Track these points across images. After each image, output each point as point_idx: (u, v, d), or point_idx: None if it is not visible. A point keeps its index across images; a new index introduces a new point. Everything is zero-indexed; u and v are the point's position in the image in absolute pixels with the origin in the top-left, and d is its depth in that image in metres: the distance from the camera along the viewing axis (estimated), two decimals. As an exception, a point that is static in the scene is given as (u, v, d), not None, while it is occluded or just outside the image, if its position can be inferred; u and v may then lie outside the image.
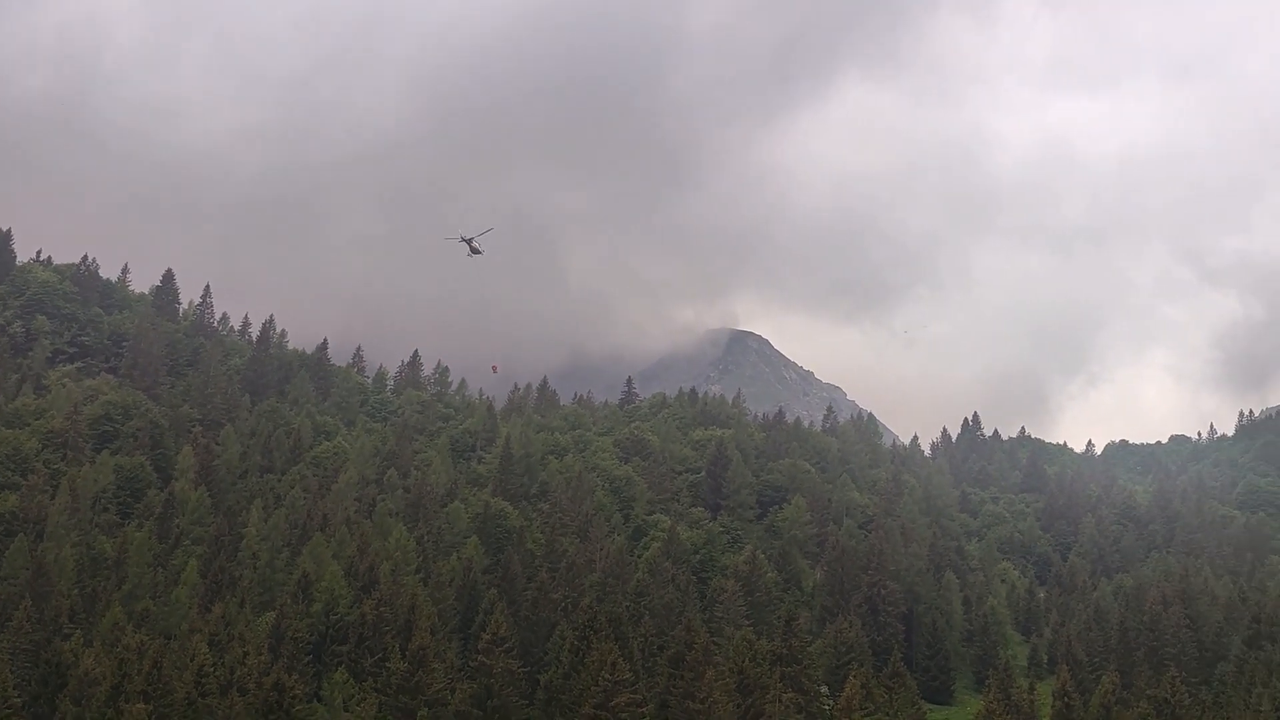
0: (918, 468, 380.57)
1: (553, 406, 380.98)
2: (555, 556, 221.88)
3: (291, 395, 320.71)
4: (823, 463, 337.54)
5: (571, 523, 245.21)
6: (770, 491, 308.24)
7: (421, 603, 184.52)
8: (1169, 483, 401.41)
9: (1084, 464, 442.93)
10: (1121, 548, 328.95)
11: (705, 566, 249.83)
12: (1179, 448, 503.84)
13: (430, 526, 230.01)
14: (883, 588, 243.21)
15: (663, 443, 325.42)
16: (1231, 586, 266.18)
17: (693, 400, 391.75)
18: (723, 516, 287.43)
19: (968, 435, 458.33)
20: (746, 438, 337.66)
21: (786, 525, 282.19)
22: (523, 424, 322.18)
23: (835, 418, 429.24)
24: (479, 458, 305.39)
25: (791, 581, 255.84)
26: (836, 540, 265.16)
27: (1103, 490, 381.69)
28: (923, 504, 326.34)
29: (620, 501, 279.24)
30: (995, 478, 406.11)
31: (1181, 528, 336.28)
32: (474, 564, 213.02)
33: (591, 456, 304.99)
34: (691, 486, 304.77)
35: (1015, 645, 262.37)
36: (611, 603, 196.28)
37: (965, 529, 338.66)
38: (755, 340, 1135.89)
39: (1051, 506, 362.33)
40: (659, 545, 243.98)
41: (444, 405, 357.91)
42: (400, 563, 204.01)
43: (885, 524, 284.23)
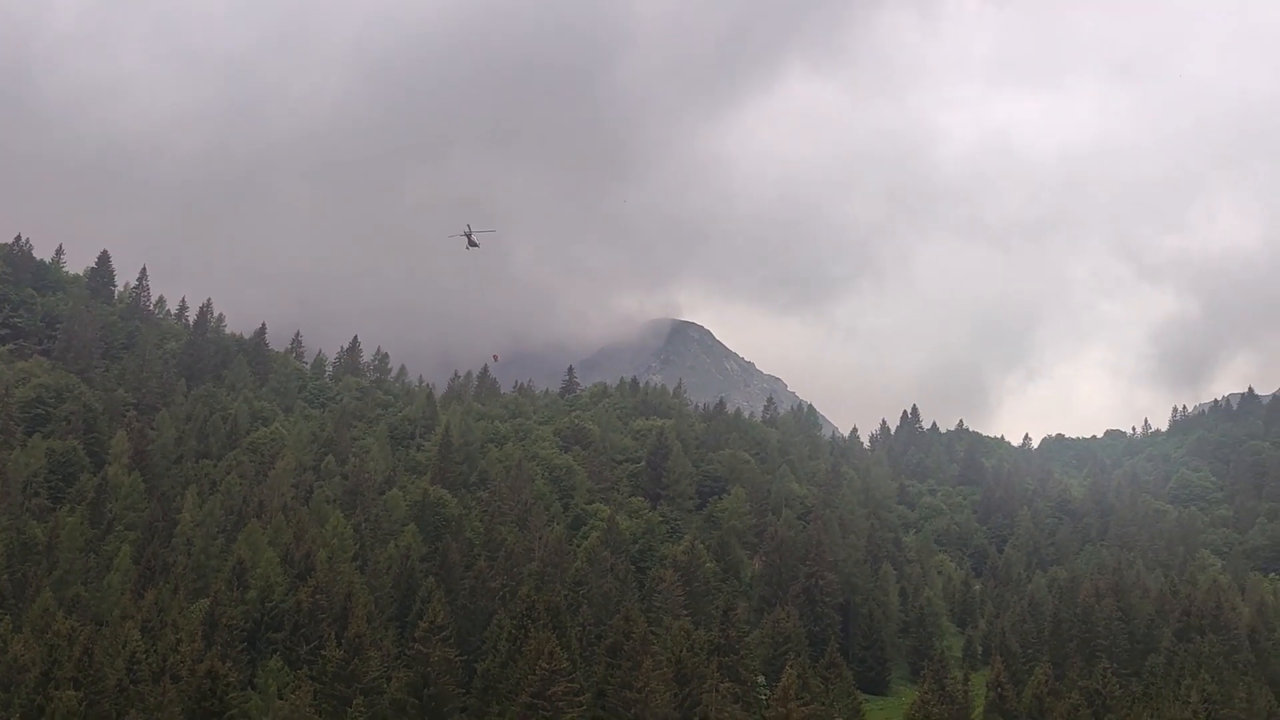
0: (857, 460, 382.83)
1: (493, 395, 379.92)
2: (494, 545, 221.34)
3: (228, 380, 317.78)
4: (762, 454, 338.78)
5: (510, 511, 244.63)
6: (710, 482, 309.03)
7: (358, 590, 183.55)
8: (1104, 477, 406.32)
9: (1021, 458, 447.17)
10: (1056, 541, 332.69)
11: (644, 556, 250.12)
12: (1114, 442, 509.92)
13: (368, 514, 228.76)
14: (820, 578, 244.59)
15: (603, 432, 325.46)
16: (1163, 580, 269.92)
17: (634, 390, 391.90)
18: (662, 506, 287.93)
19: (906, 428, 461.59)
20: (687, 428, 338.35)
21: (726, 516, 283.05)
22: (462, 412, 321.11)
23: (775, 409, 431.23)
24: (418, 445, 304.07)
25: (730, 572, 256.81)
26: (775, 531, 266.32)
27: (1039, 484, 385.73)
28: (861, 496, 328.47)
29: (560, 490, 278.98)
30: (933, 470, 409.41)
31: (1115, 521, 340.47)
32: (412, 552, 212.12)
33: (532, 445, 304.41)
34: (631, 476, 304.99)
35: (950, 636, 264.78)
36: (550, 592, 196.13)
37: (903, 521, 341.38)
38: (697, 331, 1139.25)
39: (988, 499, 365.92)
40: (598, 534, 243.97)
41: (383, 392, 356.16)
42: (337, 550, 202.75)
43: (823, 515, 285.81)
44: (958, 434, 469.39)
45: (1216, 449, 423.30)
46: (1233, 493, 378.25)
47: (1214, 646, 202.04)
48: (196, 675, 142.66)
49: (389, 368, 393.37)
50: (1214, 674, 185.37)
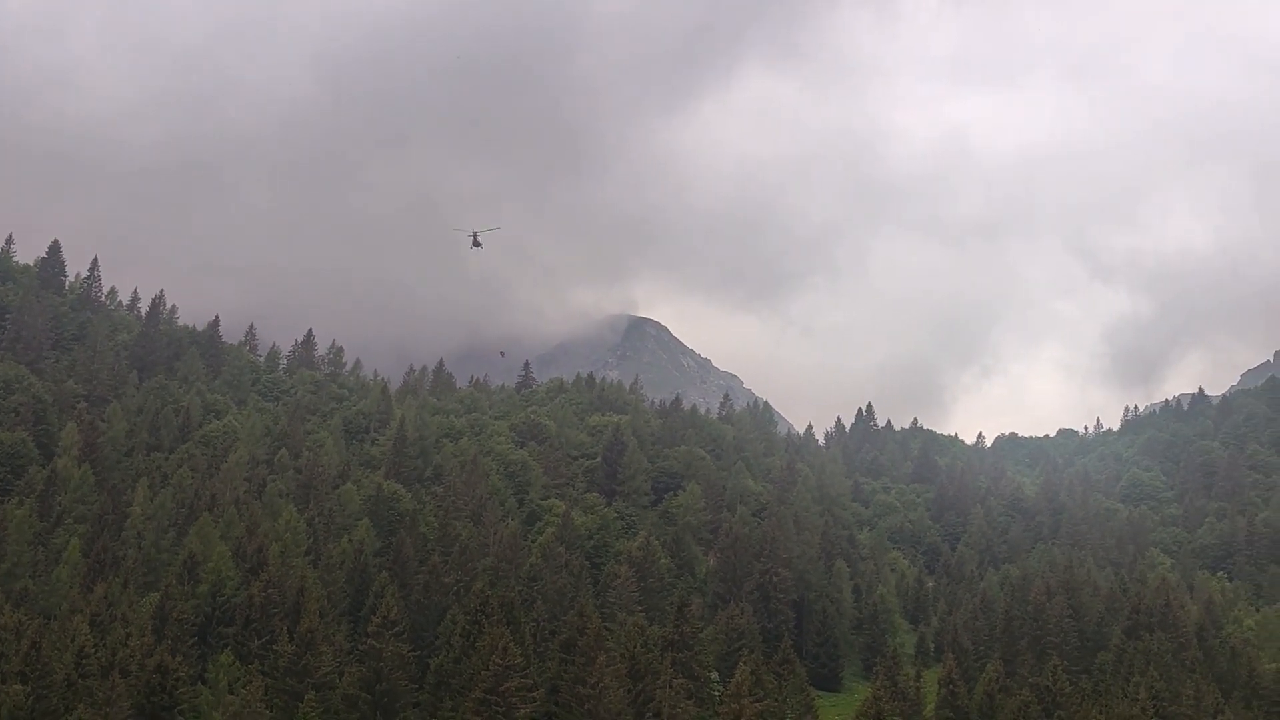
0: (811, 457, 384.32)
1: (449, 389, 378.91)
2: (448, 540, 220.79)
3: (181, 372, 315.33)
4: (718, 450, 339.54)
5: (465, 506, 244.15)
6: (665, 478, 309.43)
7: (311, 585, 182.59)
8: (1056, 476, 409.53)
9: (974, 456, 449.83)
10: (1009, 539, 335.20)
11: (599, 552, 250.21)
12: (1066, 441, 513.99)
13: (321, 508, 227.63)
14: (774, 575, 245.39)
15: (559, 428, 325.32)
16: (1113, 578, 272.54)
17: (590, 386, 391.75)
18: (618, 502, 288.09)
19: (861, 425, 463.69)
20: (643, 424, 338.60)
21: (681, 512, 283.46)
22: (418, 406, 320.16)
23: (731, 406, 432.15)
24: (372, 439, 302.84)
25: (684, 568, 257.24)
26: (730, 527, 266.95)
27: (992, 482, 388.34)
28: (815, 493, 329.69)
29: (515, 486, 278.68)
30: (887, 468, 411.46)
31: (1067, 520, 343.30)
32: (365, 546, 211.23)
33: (487, 440, 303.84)
34: (587, 472, 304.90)
35: (903, 633, 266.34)
36: (504, 587, 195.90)
37: (857, 518, 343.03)
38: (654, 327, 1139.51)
39: (942, 497, 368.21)
40: (553, 530, 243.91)
41: (338, 386, 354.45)
42: (290, 544, 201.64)
43: (778, 512, 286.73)
44: (912, 432, 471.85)
45: (1167, 449, 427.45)
46: (1182, 492, 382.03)
47: (1162, 644, 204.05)
48: (146, 670, 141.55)
49: (344, 361, 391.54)
50: (1162, 671, 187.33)
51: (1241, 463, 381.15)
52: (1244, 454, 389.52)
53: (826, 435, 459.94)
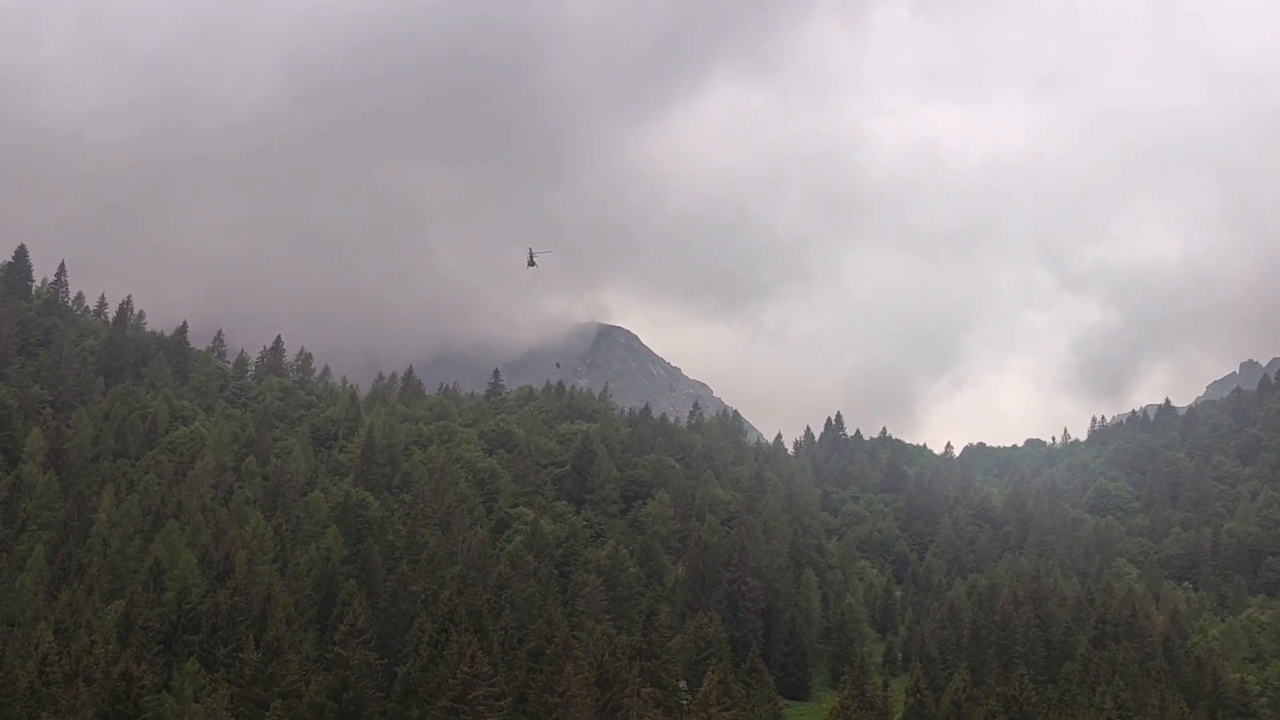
0: (780, 466, 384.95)
1: (418, 396, 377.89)
2: (416, 548, 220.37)
3: (148, 378, 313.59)
4: (687, 459, 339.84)
5: (434, 514, 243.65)
6: (635, 486, 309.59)
7: (277, 593, 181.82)
8: (1023, 485, 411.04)
9: (943, 465, 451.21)
10: (976, 548, 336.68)
11: (568, 560, 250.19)
12: (1034, 451, 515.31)
13: (289, 515, 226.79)
14: (743, 584, 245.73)
15: (528, 435, 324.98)
16: (1080, 587, 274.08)
17: (559, 394, 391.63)
18: (587, 511, 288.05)
19: (830, 435, 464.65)
20: (612, 432, 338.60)
21: (650, 520, 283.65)
22: (386, 413, 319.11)
23: (701, 414, 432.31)
24: (341, 447, 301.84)
25: (653, 576, 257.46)
26: (699, 536, 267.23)
27: (960, 492, 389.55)
28: (784, 502, 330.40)
29: (484, 494, 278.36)
30: (856, 477, 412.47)
31: (1034, 529, 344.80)
32: (333, 554, 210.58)
33: (456, 448, 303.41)
34: (556, 480, 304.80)
35: (871, 643, 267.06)
36: (472, 595, 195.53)
37: (826, 527, 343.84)
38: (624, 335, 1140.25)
39: (910, 507, 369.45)
40: (522, 538, 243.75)
41: (306, 392, 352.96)
42: (257, 552, 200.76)
43: (747, 521, 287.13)
44: (881, 441, 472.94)
45: (1134, 459, 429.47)
46: (1149, 502, 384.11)
47: (1128, 654, 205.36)
48: (110, 678, 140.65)
49: (312, 368, 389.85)
50: (1128, 681, 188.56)
51: (1207, 473, 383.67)
52: (1210, 465, 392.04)
53: (796, 444, 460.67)
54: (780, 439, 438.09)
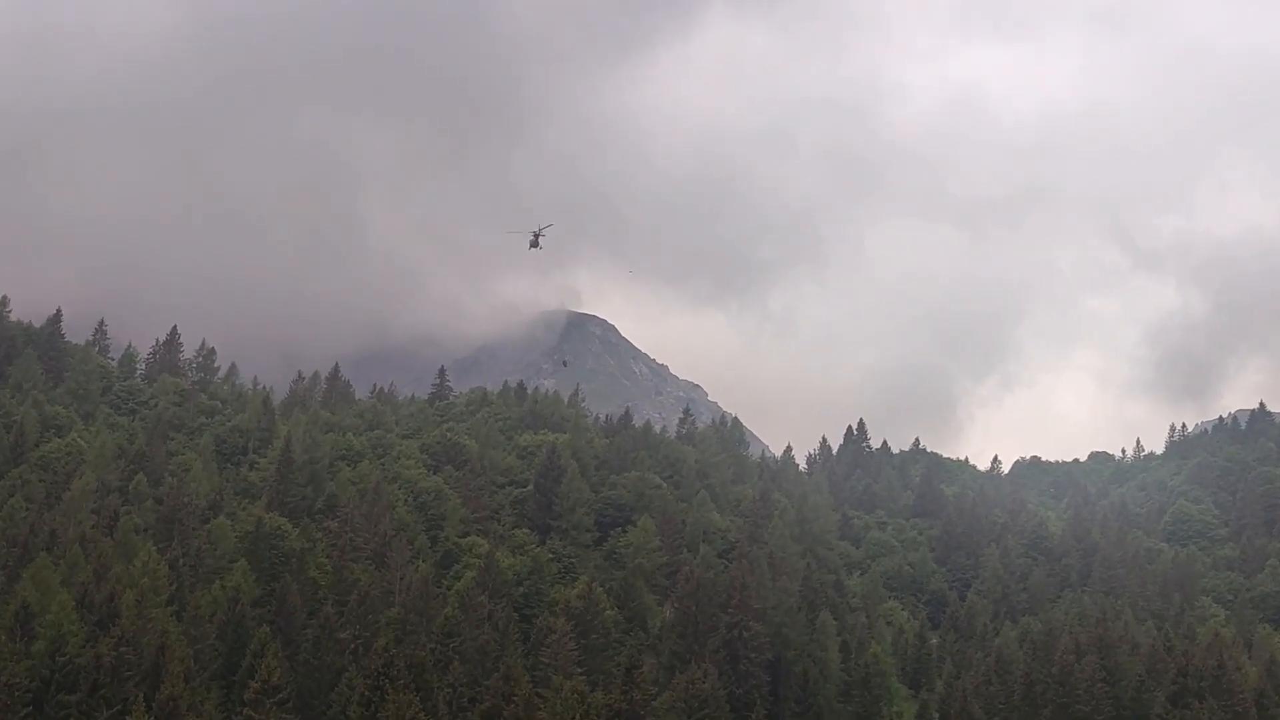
0: (791, 485, 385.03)
1: (346, 400, 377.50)
2: (344, 587, 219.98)
3: (14, 379, 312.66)
4: (677, 477, 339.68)
5: (365, 545, 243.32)
6: (612, 511, 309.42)
7: (174, 642, 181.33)
8: (1087, 509, 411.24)
9: (989, 485, 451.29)
10: (1029, 585, 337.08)
11: (530, 601, 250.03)
12: (1100, 467, 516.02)
13: (188, 547, 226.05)
14: (745, 630, 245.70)
15: (482, 448, 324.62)
16: (1155, 633, 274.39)
17: (520, 397, 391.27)
18: (553, 540, 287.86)
19: (852, 447, 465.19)
20: (585, 444, 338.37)
21: (631, 552, 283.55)
22: (307, 421, 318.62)
23: (693, 421, 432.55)
24: (251, 462, 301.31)
25: (635, 621, 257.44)
26: (690, 571, 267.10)
27: (1009, 516, 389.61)
28: (795, 529, 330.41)
29: (427, 520, 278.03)
30: (883, 499, 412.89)
31: (1100, 562, 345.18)
32: (242, 594, 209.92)
33: (393, 464, 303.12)
34: (516, 503, 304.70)
35: (902, 700, 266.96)
36: (413, 644, 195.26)
37: (846, 560, 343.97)
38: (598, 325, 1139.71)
39: (949, 535, 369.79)
40: (473, 574, 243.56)
41: (208, 396, 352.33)
42: (148, 592, 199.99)
43: (750, 553, 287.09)
44: (913, 455, 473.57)
45: (1221, 476, 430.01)
46: (1239, 529, 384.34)
47: (1215, 713, 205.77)
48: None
49: (216, 366, 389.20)
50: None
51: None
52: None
53: (809, 458, 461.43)
54: (790, 452, 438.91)
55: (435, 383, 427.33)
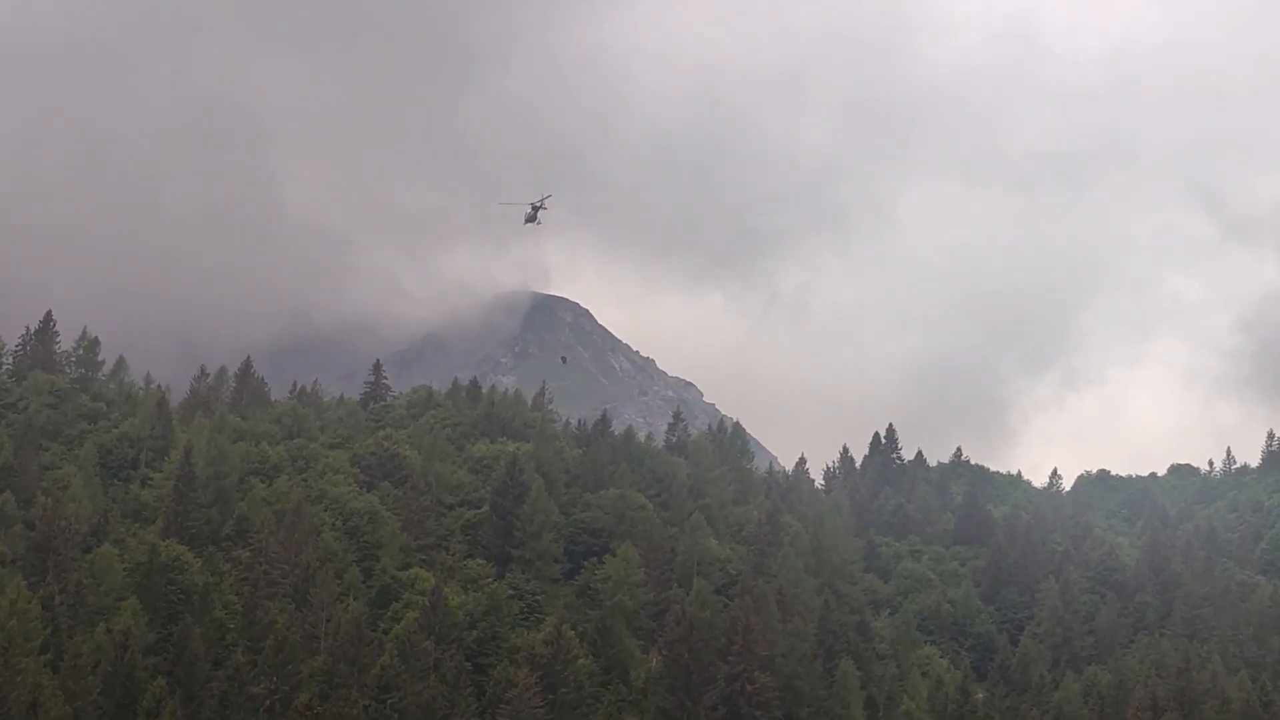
0: (805, 505, 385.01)
1: (260, 402, 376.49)
2: (258, 630, 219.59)
3: None
4: (665, 495, 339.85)
5: (284, 579, 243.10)
6: (586, 537, 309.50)
7: (48, 698, 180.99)
8: (1166, 534, 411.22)
9: (1046, 504, 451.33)
10: (1096, 627, 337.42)
11: (486, 647, 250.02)
12: (1182, 482, 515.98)
13: (65, 582, 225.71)
14: (749, 682, 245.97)
15: (426, 460, 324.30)
16: (1250, 685, 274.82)
17: (474, 397, 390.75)
18: (514, 573, 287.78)
19: (879, 459, 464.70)
20: (553, 455, 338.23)
21: (609, 587, 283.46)
22: (212, 428, 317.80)
23: (685, 427, 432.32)
24: (144, 478, 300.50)
25: (614, 671, 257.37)
26: (682, 611, 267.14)
27: (1072, 543, 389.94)
28: (810, 559, 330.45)
29: (359, 548, 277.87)
30: (918, 522, 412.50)
31: (1182, 599, 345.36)
32: (132, 639, 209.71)
33: (317, 479, 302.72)
34: (468, 527, 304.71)
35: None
36: (342, 701, 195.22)
37: (872, 597, 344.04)
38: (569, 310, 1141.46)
39: (998, 565, 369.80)
40: (416, 615, 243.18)
41: (91, 396, 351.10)
42: (17, 637, 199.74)
43: (755, 588, 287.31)
44: (954, 469, 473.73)
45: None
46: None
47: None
48: None
49: (100, 359, 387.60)
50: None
51: None
52: None
53: (827, 472, 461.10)
54: (804, 465, 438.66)
55: (369, 380, 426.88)
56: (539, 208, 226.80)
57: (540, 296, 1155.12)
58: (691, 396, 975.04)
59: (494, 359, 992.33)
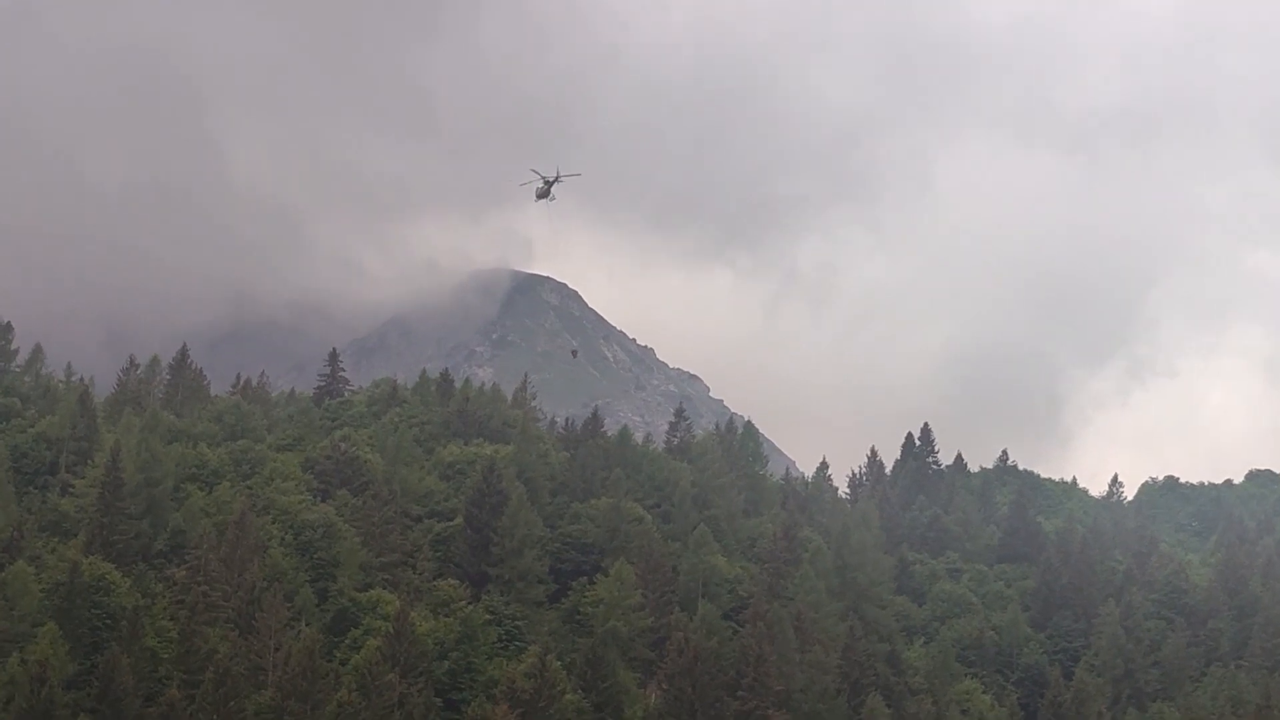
0: (827, 517, 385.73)
1: (198, 397, 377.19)
2: (196, 660, 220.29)
3: None
4: (666, 505, 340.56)
5: (226, 602, 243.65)
6: (574, 553, 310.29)
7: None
8: (1244, 550, 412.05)
9: (1106, 516, 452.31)
10: (1162, 658, 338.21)
11: (459, 680, 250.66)
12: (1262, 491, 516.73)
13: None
14: (763, 718, 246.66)
15: (390, 465, 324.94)
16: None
17: (445, 392, 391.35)
18: (491, 595, 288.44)
19: (913, 463, 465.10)
20: (537, 459, 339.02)
21: (601, 612, 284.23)
22: (143, 426, 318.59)
23: (689, 427, 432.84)
24: (64, 485, 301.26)
25: (607, 708, 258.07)
26: (685, 639, 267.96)
27: (1135, 561, 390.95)
28: (833, 579, 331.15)
29: (313, 566, 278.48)
30: (957, 536, 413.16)
31: (1262, 626, 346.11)
32: (51, 671, 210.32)
33: (264, 487, 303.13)
34: (439, 542, 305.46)
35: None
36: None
37: (904, 622, 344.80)
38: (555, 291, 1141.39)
39: (1049, 587, 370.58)
40: (378, 643, 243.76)
41: (3, 391, 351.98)
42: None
43: (769, 612, 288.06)
44: (999, 475, 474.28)
45: None
46: None
47: None
48: None
49: (14, 349, 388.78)
50: None
51: None
52: None
53: (852, 479, 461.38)
54: (826, 469, 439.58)
55: (324, 372, 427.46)
56: (552, 182, 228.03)
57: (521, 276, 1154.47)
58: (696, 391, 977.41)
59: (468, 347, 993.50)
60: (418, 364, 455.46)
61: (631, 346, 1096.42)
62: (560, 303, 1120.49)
